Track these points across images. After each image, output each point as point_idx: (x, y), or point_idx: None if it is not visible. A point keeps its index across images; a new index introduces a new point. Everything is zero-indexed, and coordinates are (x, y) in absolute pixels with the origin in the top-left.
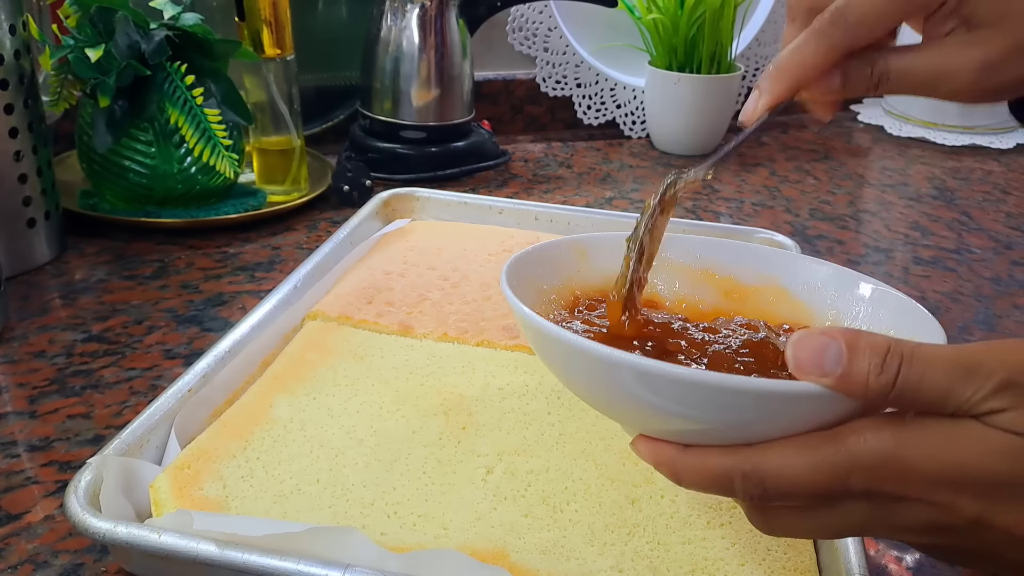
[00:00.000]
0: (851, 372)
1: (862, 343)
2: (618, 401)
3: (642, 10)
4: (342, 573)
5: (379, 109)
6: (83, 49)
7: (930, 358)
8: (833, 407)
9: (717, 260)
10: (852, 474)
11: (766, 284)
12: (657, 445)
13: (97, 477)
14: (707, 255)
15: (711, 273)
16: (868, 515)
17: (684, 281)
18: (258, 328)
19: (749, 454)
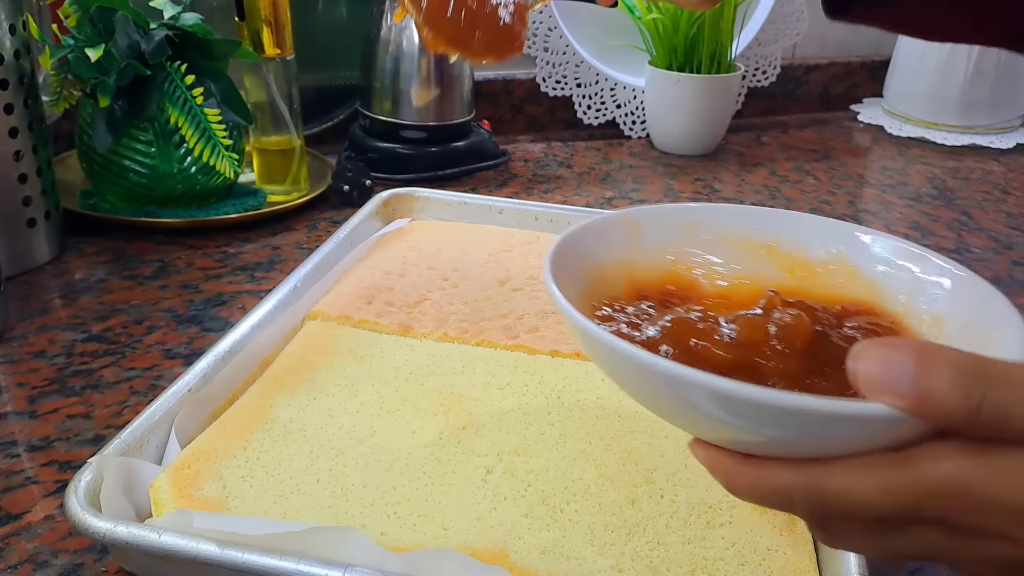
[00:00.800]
0: (928, 394)
1: (936, 358)
2: (680, 414)
3: (642, 10)
4: (342, 573)
5: (379, 109)
6: (83, 49)
7: (1019, 381)
8: (905, 429)
9: (780, 232)
10: (925, 500)
11: (834, 260)
12: (716, 452)
13: (97, 477)
14: (768, 227)
15: (773, 247)
16: (940, 542)
17: (743, 254)
18: (258, 328)
19: (813, 471)
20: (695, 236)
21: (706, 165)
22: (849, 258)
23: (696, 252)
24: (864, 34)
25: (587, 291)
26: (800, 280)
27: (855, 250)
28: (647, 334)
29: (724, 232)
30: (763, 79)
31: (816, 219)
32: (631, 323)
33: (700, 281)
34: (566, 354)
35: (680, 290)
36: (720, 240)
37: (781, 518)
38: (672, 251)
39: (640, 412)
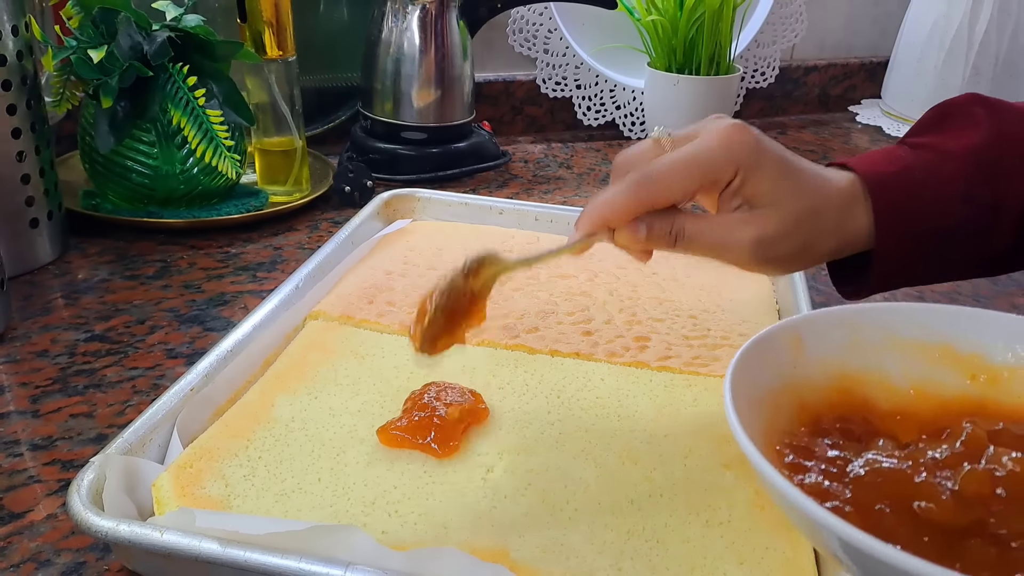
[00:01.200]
0: None
1: None
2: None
3: (641, 12)
4: (343, 571)
5: (380, 110)
6: (86, 50)
7: None
8: None
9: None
10: None
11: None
12: None
13: (100, 476)
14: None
15: (951, 348)
16: None
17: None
18: (260, 328)
19: None
20: (861, 343)
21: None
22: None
23: (865, 362)
24: (863, 35)
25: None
26: (985, 388)
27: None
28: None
29: (891, 335)
30: (762, 80)
31: (993, 315)
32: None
33: (873, 396)
34: (566, 354)
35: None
36: (888, 345)
37: (780, 517)
38: (839, 363)
39: (640, 412)
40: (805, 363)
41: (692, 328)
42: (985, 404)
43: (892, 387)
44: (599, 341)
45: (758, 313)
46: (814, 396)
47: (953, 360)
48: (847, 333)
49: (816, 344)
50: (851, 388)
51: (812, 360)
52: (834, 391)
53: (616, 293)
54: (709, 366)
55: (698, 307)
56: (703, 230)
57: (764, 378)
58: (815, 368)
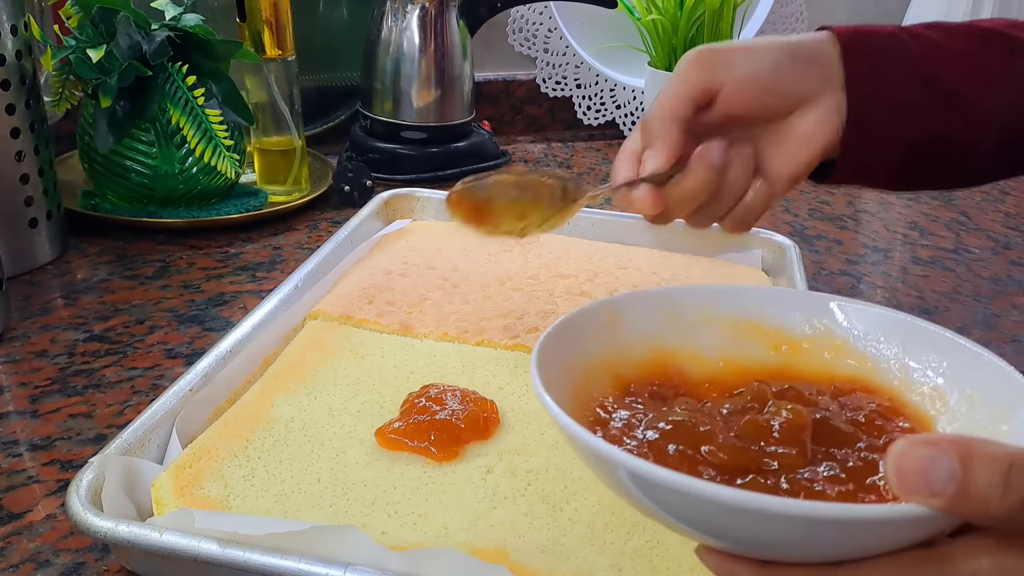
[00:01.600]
0: (968, 492)
1: (978, 456)
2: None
3: (642, 11)
4: (343, 572)
5: (380, 110)
6: (85, 50)
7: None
8: (938, 526)
9: (762, 309)
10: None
11: (821, 335)
12: (729, 561)
13: (99, 476)
14: (750, 304)
15: (757, 324)
16: None
17: (728, 335)
18: (259, 328)
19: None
20: (677, 319)
21: None
22: (834, 331)
23: (679, 337)
24: None
25: (574, 391)
26: (787, 358)
27: (837, 322)
28: (647, 438)
29: (706, 313)
30: None
31: (795, 293)
32: (627, 424)
33: (686, 368)
34: None
35: (667, 380)
36: (703, 321)
37: None
38: (654, 338)
39: None
40: (621, 338)
41: None
42: (784, 371)
43: (703, 359)
44: None
45: None
46: (629, 368)
47: (759, 334)
48: (664, 310)
49: (633, 320)
50: (664, 361)
51: (628, 335)
52: (648, 364)
53: (616, 293)
54: None
55: None
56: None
57: (578, 350)
58: (631, 343)
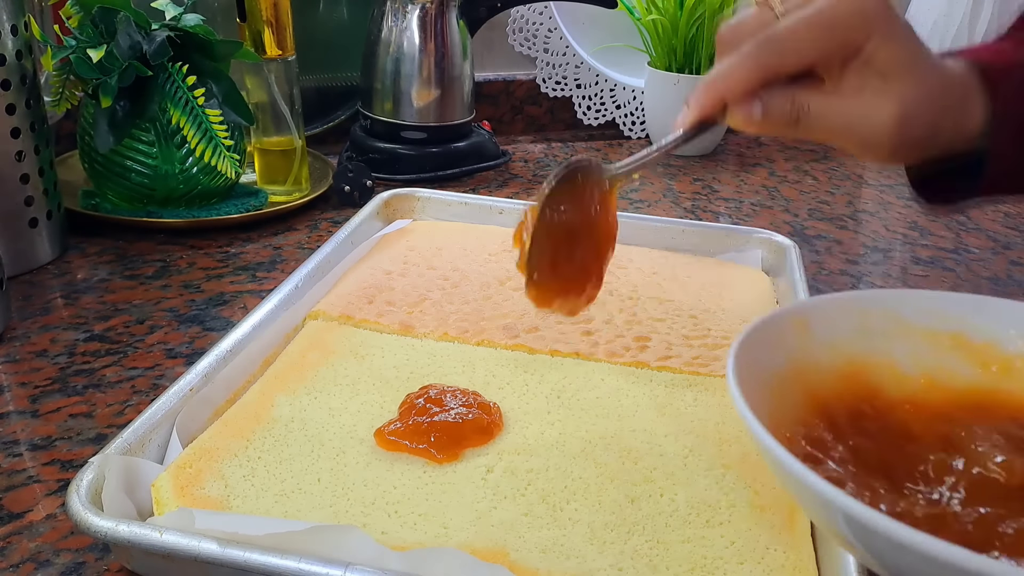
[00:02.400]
0: None
1: None
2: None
3: (642, 11)
4: (343, 572)
5: (380, 109)
6: (85, 50)
7: None
8: None
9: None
10: None
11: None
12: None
13: (99, 476)
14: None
15: (961, 336)
16: None
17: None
18: (259, 327)
19: None
20: (869, 328)
21: (705, 165)
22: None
23: (873, 348)
24: None
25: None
26: (997, 378)
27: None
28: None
29: (901, 323)
30: None
31: (1009, 304)
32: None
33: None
34: (566, 353)
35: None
36: (897, 331)
37: (780, 517)
38: (846, 349)
39: (640, 412)
40: (811, 348)
41: (692, 328)
42: (997, 394)
43: (902, 374)
44: (599, 341)
45: (758, 313)
46: (821, 382)
47: (965, 349)
48: (855, 319)
49: (823, 329)
50: (858, 374)
51: (818, 345)
52: (841, 377)
53: (616, 293)
54: (709, 366)
55: (698, 307)
56: (832, 106)
57: (769, 360)
58: (822, 353)
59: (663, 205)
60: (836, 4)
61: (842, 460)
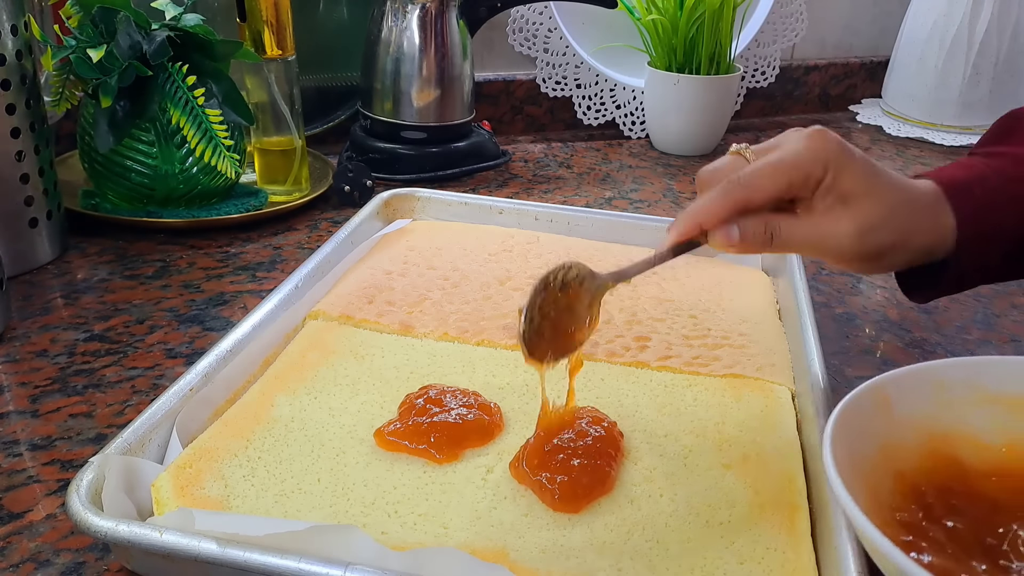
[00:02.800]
0: None
1: None
2: None
3: (641, 11)
4: (343, 572)
5: (380, 109)
6: (85, 49)
7: None
8: None
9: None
10: None
11: None
12: None
13: (99, 476)
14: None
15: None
16: None
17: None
18: (259, 327)
19: None
20: (948, 399)
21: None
22: None
23: (953, 419)
24: (863, 35)
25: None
26: None
27: None
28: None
29: (979, 391)
30: (762, 80)
31: None
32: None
33: (965, 456)
34: None
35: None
36: (976, 401)
37: (780, 517)
38: (927, 422)
39: (638, 412)
40: (895, 426)
41: (692, 328)
42: None
43: (983, 445)
44: (599, 341)
45: (758, 313)
46: (907, 460)
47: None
48: (934, 390)
49: (903, 403)
50: (940, 449)
51: (901, 422)
52: (925, 454)
53: (616, 293)
54: (709, 366)
55: (698, 307)
56: (800, 227)
57: (858, 444)
58: (905, 429)
59: (663, 205)
60: (797, 150)
61: (940, 544)
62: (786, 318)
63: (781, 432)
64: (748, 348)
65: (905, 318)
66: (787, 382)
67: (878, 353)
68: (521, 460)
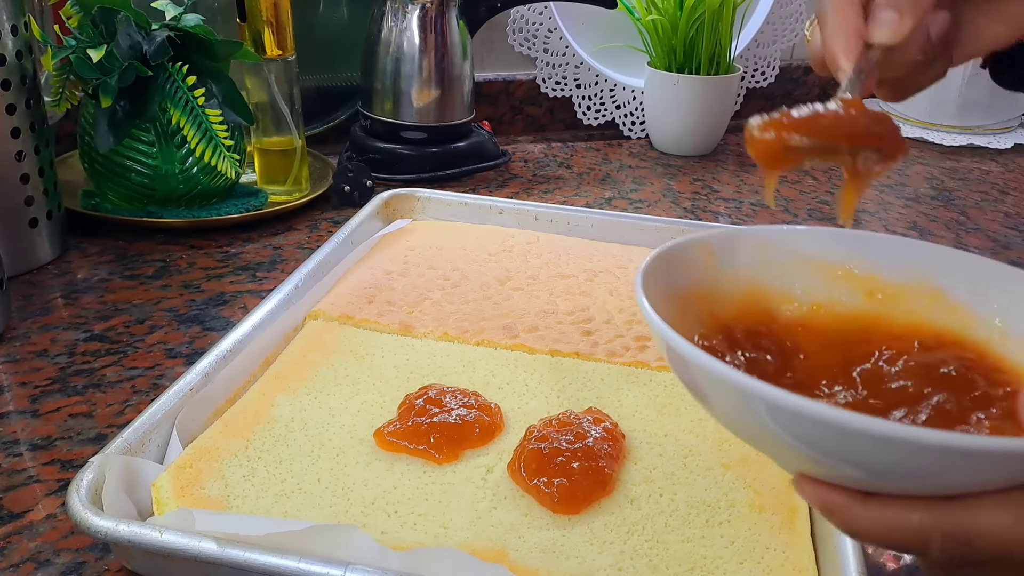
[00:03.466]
0: None
1: None
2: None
3: (641, 11)
4: (343, 571)
5: (380, 110)
6: (85, 50)
7: None
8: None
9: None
10: None
11: (917, 283)
12: (827, 490)
13: (99, 476)
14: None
15: (850, 270)
16: None
17: (818, 279)
18: (259, 327)
19: (953, 512)
20: (768, 259)
21: (705, 165)
22: (932, 279)
23: (770, 277)
24: None
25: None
26: (880, 305)
27: (937, 271)
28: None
29: (796, 256)
30: (762, 80)
31: (892, 239)
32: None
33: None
34: (566, 354)
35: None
36: (793, 264)
37: (780, 517)
38: (747, 277)
39: (638, 412)
40: (715, 273)
41: None
42: (878, 319)
43: (795, 301)
44: (599, 341)
45: None
46: (723, 304)
47: (851, 279)
48: (756, 250)
49: (727, 258)
50: (757, 300)
51: (722, 271)
52: (741, 302)
53: (616, 293)
54: None
55: None
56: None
57: (676, 280)
58: (724, 279)
59: (663, 205)
60: None
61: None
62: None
63: None
64: None
65: None
66: None
67: None
68: (519, 465)
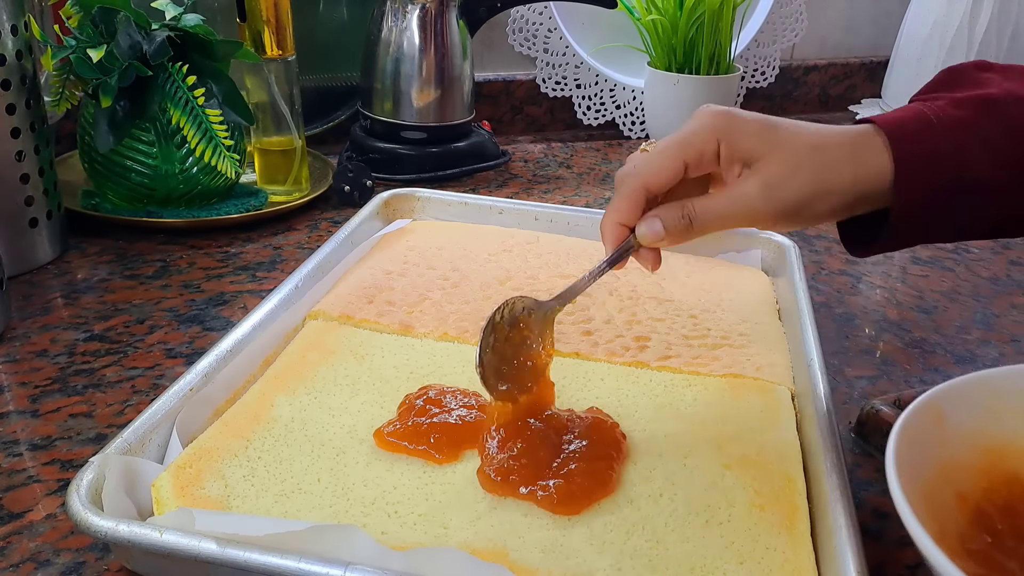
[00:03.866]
0: None
1: None
2: None
3: (641, 11)
4: (343, 571)
5: (380, 109)
6: (85, 49)
7: None
8: None
9: None
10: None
11: None
12: None
13: (99, 476)
14: None
15: None
16: None
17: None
18: (259, 327)
19: None
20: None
21: None
22: None
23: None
24: (863, 35)
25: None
26: None
27: None
28: None
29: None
30: (762, 80)
31: None
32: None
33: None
34: (566, 354)
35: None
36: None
37: (780, 517)
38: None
39: (638, 412)
40: (949, 441)
41: (692, 328)
42: None
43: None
44: (599, 341)
45: (758, 313)
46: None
47: None
48: (986, 400)
49: (956, 417)
50: (998, 465)
51: (955, 437)
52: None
53: (616, 293)
54: (709, 366)
55: (698, 307)
56: (711, 202)
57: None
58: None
59: None
60: (685, 130)
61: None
62: (786, 318)
63: (781, 432)
64: (748, 348)
65: (905, 318)
66: (787, 382)
67: (878, 353)
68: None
